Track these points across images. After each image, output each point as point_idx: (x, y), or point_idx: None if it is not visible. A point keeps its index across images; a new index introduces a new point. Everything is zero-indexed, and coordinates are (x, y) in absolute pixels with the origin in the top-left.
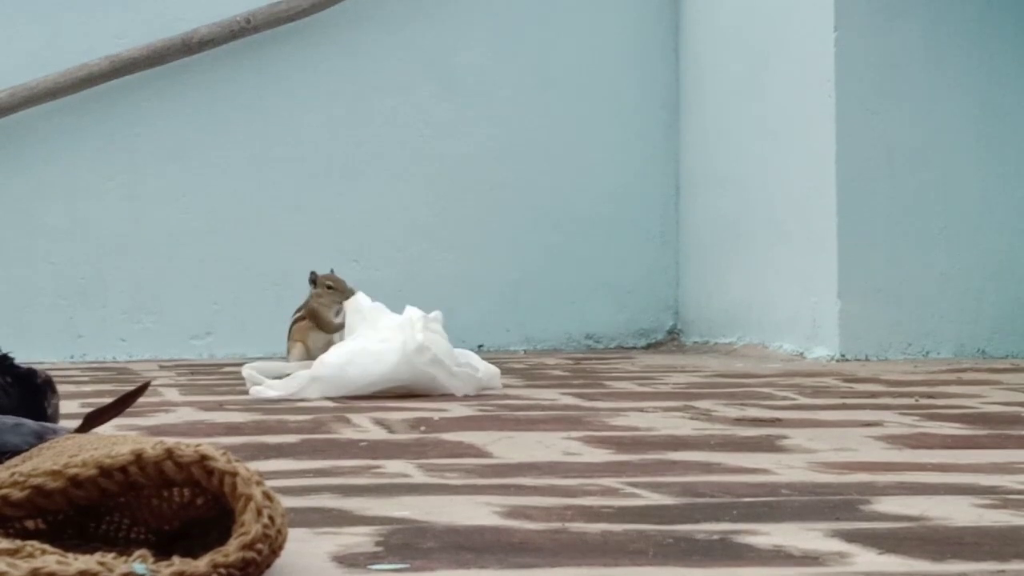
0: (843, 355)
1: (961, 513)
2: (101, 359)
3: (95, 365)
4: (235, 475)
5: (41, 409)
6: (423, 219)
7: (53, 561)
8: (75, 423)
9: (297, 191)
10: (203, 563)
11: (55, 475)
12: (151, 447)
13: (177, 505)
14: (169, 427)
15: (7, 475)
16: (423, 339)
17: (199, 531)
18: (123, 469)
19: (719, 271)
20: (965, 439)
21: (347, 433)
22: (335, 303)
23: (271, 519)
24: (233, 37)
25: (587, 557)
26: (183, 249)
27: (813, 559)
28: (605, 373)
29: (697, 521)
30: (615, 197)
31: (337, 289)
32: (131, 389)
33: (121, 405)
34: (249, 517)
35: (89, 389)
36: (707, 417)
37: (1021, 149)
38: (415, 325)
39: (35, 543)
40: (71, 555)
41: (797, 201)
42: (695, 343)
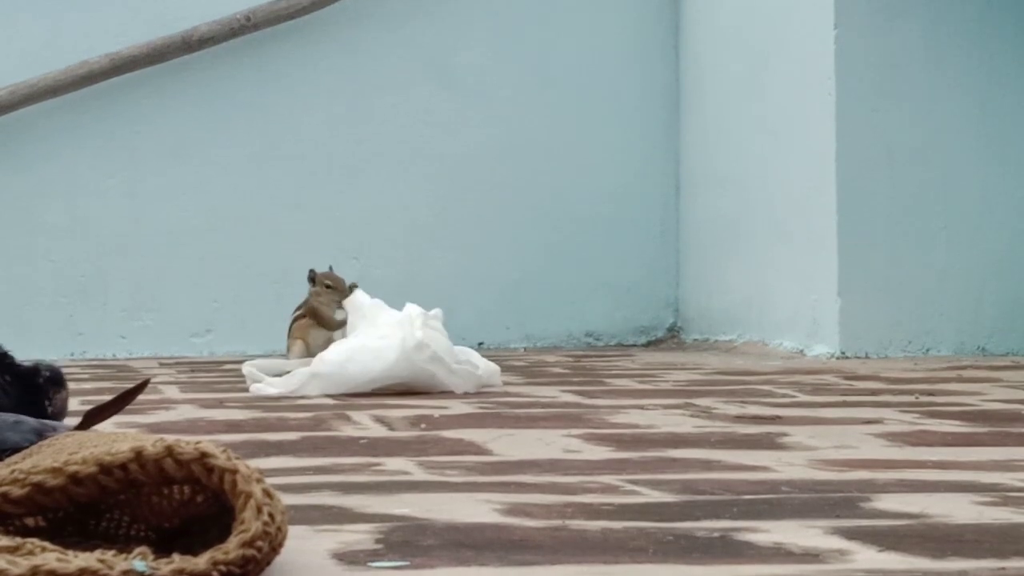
0: (843, 353)
1: (961, 510)
2: (101, 356)
3: (95, 362)
4: (235, 472)
5: (42, 406)
6: (423, 217)
7: (53, 558)
8: (75, 420)
9: (297, 189)
10: (203, 560)
11: (55, 472)
12: (151, 444)
13: (177, 502)
14: (169, 424)
15: (7, 472)
16: (422, 336)
17: (199, 528)
18: (123, 466)
19: (719, 269)
20: (965, 436)
21: (347, 430)
22: (334, 301)
23: (271, 516)
24: (233, 35)
25: (587, 554)
26: (183, 247)
27: (813, 556)
28: (605, 371)
29: (697, 518)
30: (615, 195)
31: (335, 288)
32: (131, 386)
33: (121, 402)
34: (249, 515)
35: (89, 386)
36: (707, 415)
37: (1021, 147)
38: (414, 322)
39: (35, 540)
40: (71, 552)
41: (797, 199)
42: (695, 341)
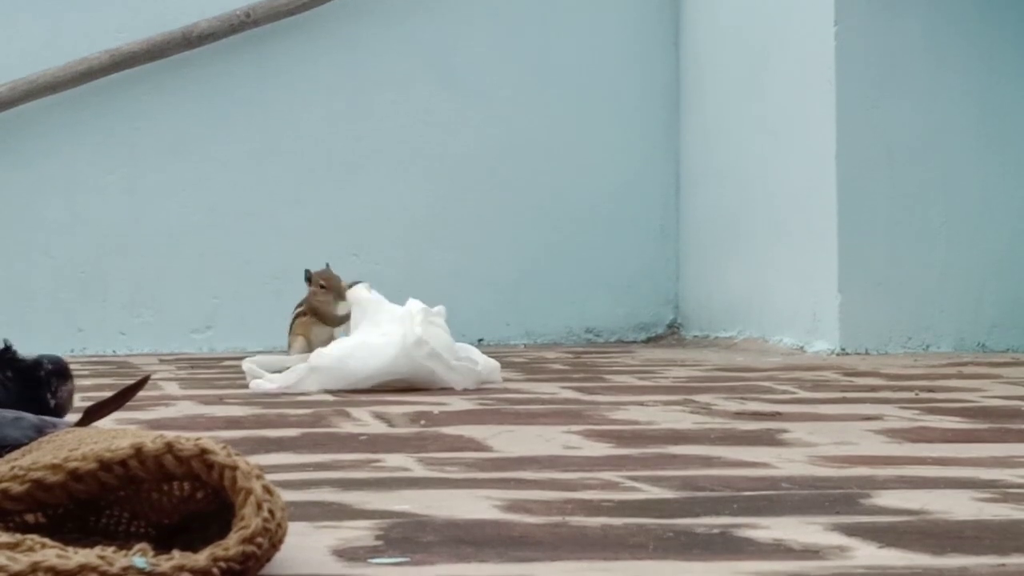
0: (843, 349)
1: (961, 507)
2: (101, 353)
3: (95, 359)
4: (235, 469)
5: (43, 401)
6: (423, 213)
7: (53, 555)
8: (75, 417)
9: (297, 185)
10: (203, 557)
11: (55, 469)
12: (151, 441)
13: (177, 499)
14: (169, 421)
15: (7, 469)
16: (422, 333)
17: (199, 525)
18: (123, 463)
19: (719, 265)
20: (965, 433)
21: (347, 427)
22: (332, 300)
23: (271, 513)
24: (233, 31)
25: (587, 551)
26: (183, 243)
27: (813, 553)
28: (605, 367)
29: (697, 515)
30: (616, 192)
31: (330, 288)
32: (131, 383)
33: (121, 399)
34: (249, 511)
35: (89, 383)
36: (707, 411)
37: (1022, 143)
38: (415, 318)
39: (35, 537)
40: (71, 549)
41: (797, 196)
42: (695, 337)
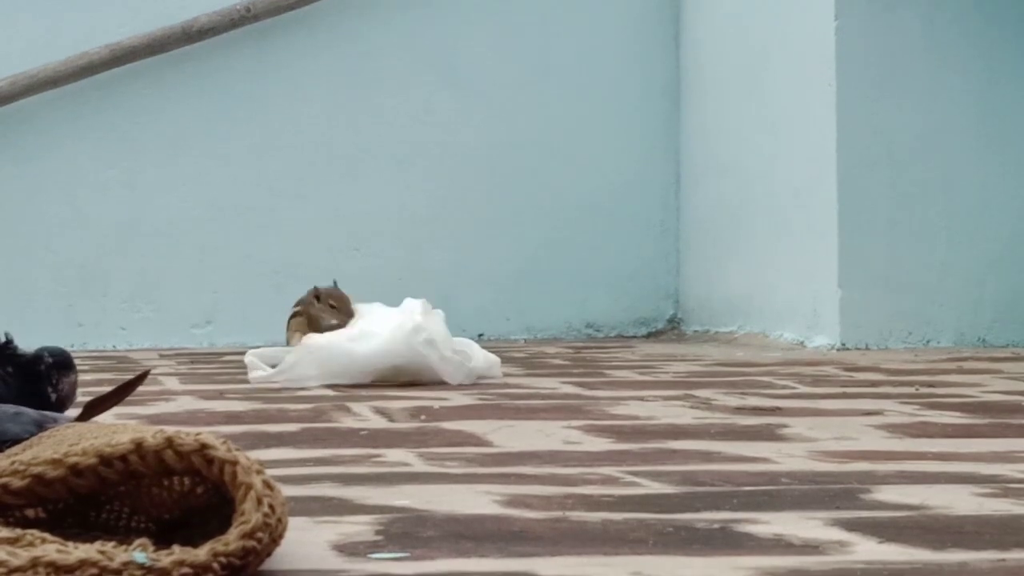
0: (843, 344)
1: (961, 502)
2: (101, 348)
3: (95, 354)
4: (235, 464)
5: (44, 396)
6: (424, 208)
7: (53, 550)
8: (75, 412)
9: (297, 180)
10: (203, 552)
11: (55, 464)
12: (151, 436)
13: (177, 494)
14: (169, 416)
15: (7, 463)
16: (421, 320)
17: (199, 520)
18: (123, 458)
19: (720, 260)
20: (965, 428)
21: (347, 422)
22: (334, 317)
23: (271, 508)
24: (234, 26)
25: (587, 546)
26: (183, 238)
27: (813, 548)
28: (605, 362)
29: (697, 510)
30: (616, 187)
31: (340, 309)
32: (131, 378)
33: (121, 393)
34: (249, 506)
35: (89, 378)
36: (707, 406)
37: (1021, 142)
38: (415, 309)
39: (35, 532)
40: (71, 544)
41: (798, 190)
42: (695, 332)
